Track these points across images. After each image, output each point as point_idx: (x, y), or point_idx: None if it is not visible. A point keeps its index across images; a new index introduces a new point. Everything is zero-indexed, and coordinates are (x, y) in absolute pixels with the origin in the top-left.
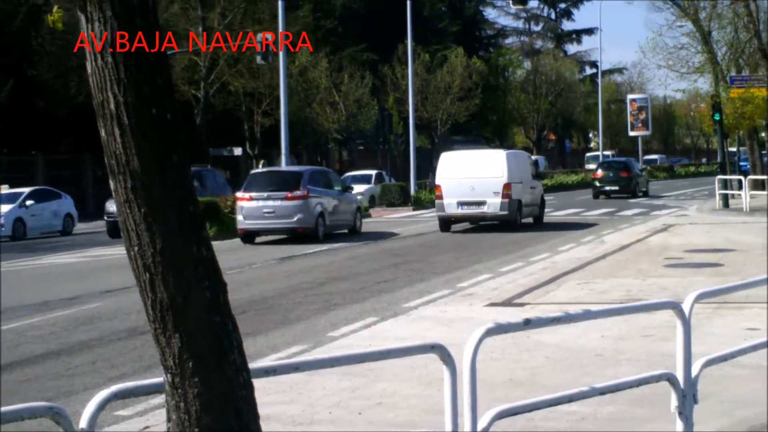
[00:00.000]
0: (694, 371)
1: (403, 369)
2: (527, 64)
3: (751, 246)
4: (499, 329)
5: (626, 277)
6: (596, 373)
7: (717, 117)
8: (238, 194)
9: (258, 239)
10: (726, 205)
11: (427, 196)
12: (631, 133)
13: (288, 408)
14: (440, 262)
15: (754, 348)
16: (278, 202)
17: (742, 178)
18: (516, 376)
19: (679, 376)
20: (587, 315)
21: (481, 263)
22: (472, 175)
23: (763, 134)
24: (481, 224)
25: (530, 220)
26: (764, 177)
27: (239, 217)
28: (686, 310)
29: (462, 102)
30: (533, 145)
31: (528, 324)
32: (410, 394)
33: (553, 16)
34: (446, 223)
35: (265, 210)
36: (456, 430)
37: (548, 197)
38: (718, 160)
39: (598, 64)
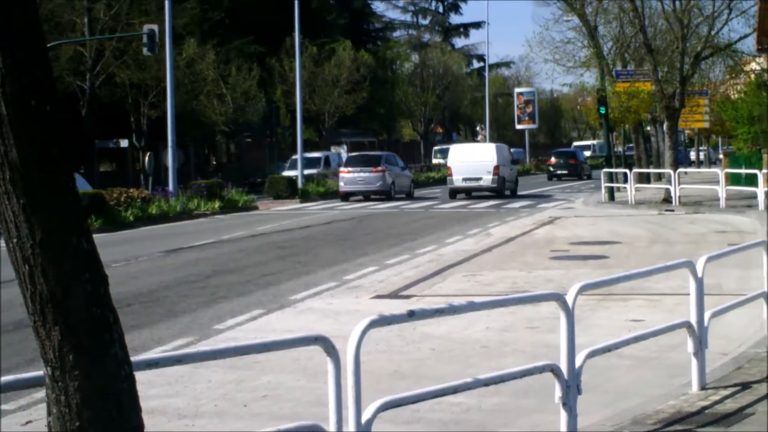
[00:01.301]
0: (578, 362)
1: (289, 361)
2: (415, 58)
3: (635, 238)
4: (383, 321)
5: (512, 270)
6: (481, 365)
7: (603, 111)
8: (341, 168)
9: (352, 198)
10: (612, 198)
11: (314, 188)
12: (518, 127)
13: (173, 401)
14: (326, 254)
15: (637, 339)
16: (366, 174)
17: (627, 171)
18: (402, 368)
19: (563, 367)
20: (471, 306)
21: (367, 256)
22: (471, 159)
23: (648, 128)
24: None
25: (508, 192)
26: (649, 170)
27: (341, 183)
28: (569, 302)
29: (350, 95)
30: (420, 138)
31: (412, 316)
32: (296, 387)
33: (441, 9)
34: (454, 192)
35: (358, 179)
36: (340, 421)
37: (435, 190)
38: (604, 153)
39: (486, 57)
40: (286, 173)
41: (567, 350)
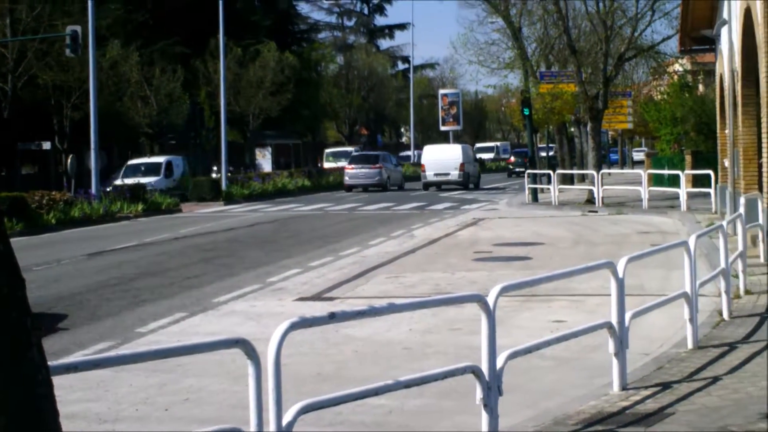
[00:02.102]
0: (499, 363)
1: (211, 364)
2: (340, 59)
3: (559, 239)
4: (304, 323)
5: (435, 271)
6: (404, 367)
7: (526, 112)
8: (346, 165)
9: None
10: (535, 199)
11: (239, 190)
12: (443, 128)
13: (94, 405)
14: (250, 257)
15: (558, 340)
16: (366, 170)
17: (550, 172)
18: (324, 371)
19: (484, 368)
20: (392, 308)
21: (291, 258)
22: (441, 158)
23: (572, 129)
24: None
25: (472, 186)
26: (573, 171)
27: (346, 178)
28: (490, 303)
29: (274, 96)
30: (345, 140)
31: (333, 318)
32: (218, 390)
33: (366, 11)
34: (426, 185)
35: (360, 174)
36: (261, 424)
37: (363, 194)
38: (528, 154)
39: (410, 59)
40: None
41: (488, 351)
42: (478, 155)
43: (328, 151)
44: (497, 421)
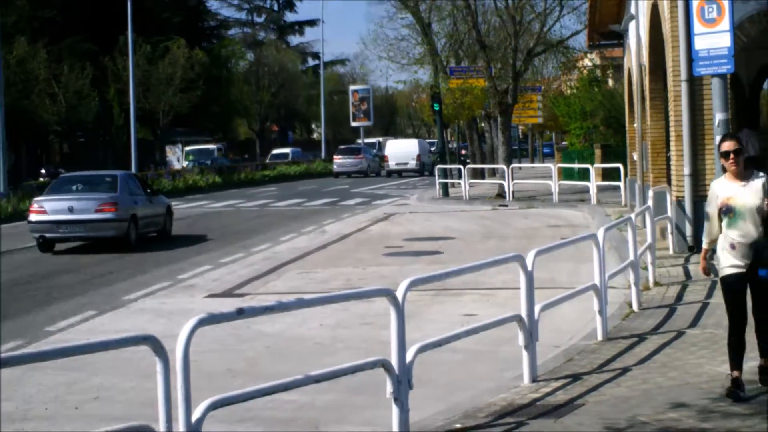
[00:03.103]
0: (409, 357)
1: (121, 362)
2: (250, 56)
3: (469, 234)
4: (212, 319)
5: (346, 267)
6: (315, 362)
7: (436, 107)
8: (335, 156)
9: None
10: (446, 194)
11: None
12: (354, 124)
13: (2, 405)
14: (161, 254)
15: (468, 333)
16: (351, 160)
17: (461, 167)
18: (236, 367)
19: (394, 362)
20: (300, 303)
21: (202, 255)
22: (401, 150)
23: (482, 124)
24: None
25: (427, 173)
26: (483, 166)
27: (335, 166)
28: (399, 297)
29: (184, 93)
30: (256, 136)
31: (241, 314)
32: (128, 387)
33: (276, 7)
34: (389, 173)
35: (346, 163)
36: (170, 421)
37: (270, 188)
38: (438, 149)
39: (321, 55)
40: None
41: (397, 345)
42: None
43: (187, 149)
44: (408, 414)
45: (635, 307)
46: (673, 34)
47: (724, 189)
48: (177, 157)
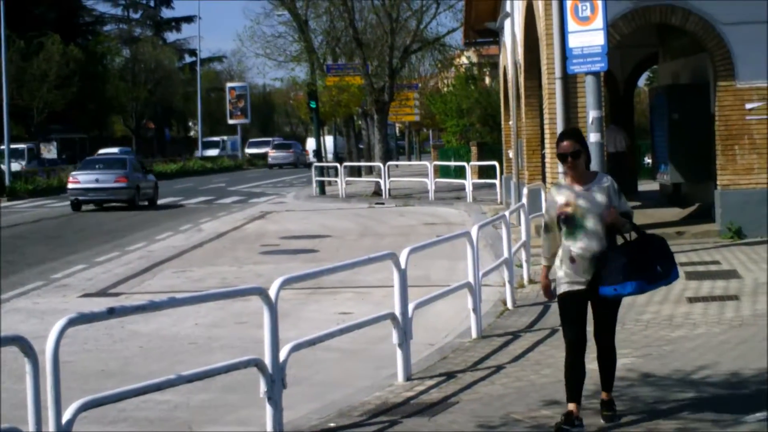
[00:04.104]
0: (282, 356)
1: None
2: (126, 52)
3: (346, 232)
4: (83, 319)
5: (222, 265)
6: (190, 361)
7: (313, 105)
8: (269, 149)
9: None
10: (323, 191)
11: (23, 186)
12: (231, 122)
13: None
14: (34, 253)
15: (342, 331)
16: (284, 153)
17: (338, 165)
18: (109, 367)
19: (267, 361)
20: (172, 302)
21: (77, 254)
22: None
23: (359, 122)
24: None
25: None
26: (360, 164)
27: (269, 159)
28: (272, 296)
29: (59, 90)
30: (132, 134)
31: (112, 313)
32: None
33: (152, 3)
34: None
35: (279, 156)
36: (39, 422)
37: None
38: (314, 147)
39: (198, 52)
40: None
41: (270, 344)
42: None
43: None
44: (281, 413)
45: (510, 304)
46: (548, 32)
47: (564, 195)
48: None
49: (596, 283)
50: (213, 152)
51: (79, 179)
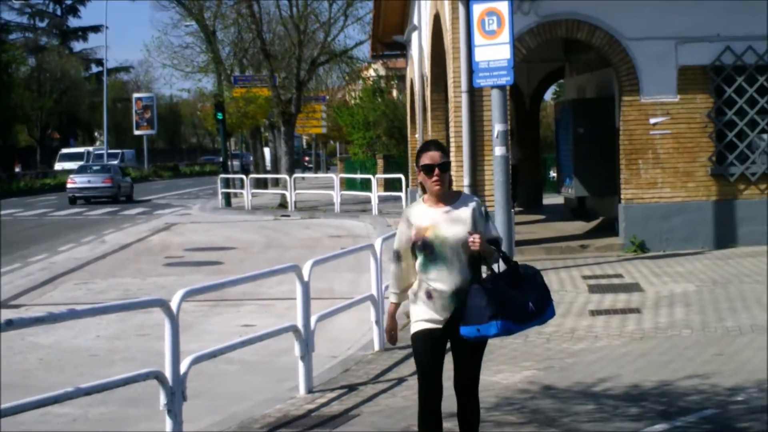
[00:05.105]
0: (183, 368)
1: None
2: (32, 61)
3: (251, 244)
4: None
5: (125, 277)
6: (90, 374)
7: (220, 116)
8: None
9: None
10: (228, 203)
11: None
12: (137, 132)
13: None
14: None
15: (244, 344)
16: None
17: (244, 176)
18: (8, 380)
19: (168, 373)
20: (72, 314)
21: None
22: None
23: (266, 134)
24: None
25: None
26: (266, 176)
27: None
28: (174, 308)
29: None
30: (37, 144)
31: (11, 324)
32: None
33: (59, 12)
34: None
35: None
36: None
37: (51, 197)
38: (221, 159)
39: (104, 62)
40: None
41: (171, 356)
42: (59, 164)
43: (63, 151)
44: (181, 426)
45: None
46: (454, 45)
47: (422, 216)
48: None
49: (457, 323)
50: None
51: (76, 180)
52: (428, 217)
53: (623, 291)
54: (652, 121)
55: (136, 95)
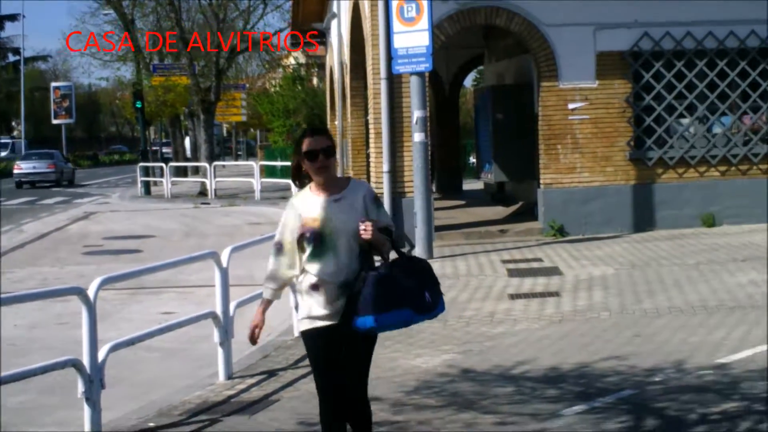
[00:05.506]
0: (101, 356)
1: None
2: None
3: (170, 232)
4: None
5: (44, 266)
6: (8, 363)
7: (139, 105)
8: None
9: None
10: (148, 192)
11: None
12: (55, 121)
13: None
14: None
15: (162, 331)
16: None
17: (164, 165)
18: None
19: (86, 361)
20: None
21: None
22: None
23: (186, 122)
24: None
25: None
26: (186, 164)
27: None
28: (91, 296)
29: None
30: None
31: None
32: None
33: None
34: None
35: None
36: None
37: None
38: (141, 147)
39: (21, 51)
40: None
41: (89, 344)
42: None
43: None
44: (100, 414)
45: None
46: (374, 32)
47: (310, 206)
48: None
49: (349, 316)
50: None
51: (22, 166)
52: (316, 205)
53: (542, 275)
54: (571, 106)
55: (54, 84)
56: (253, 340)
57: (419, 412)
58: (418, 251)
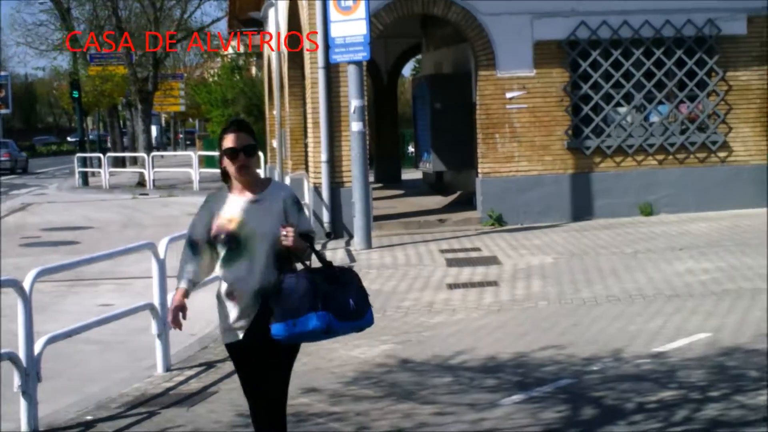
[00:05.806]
0: (37, 349)
1: None
2: None
3: (108, 223)
4: None
5: None
6: None
7: (76, 95)
8: None
9: None
10: (86, 183)
11: None
12: None
13: None
14: None
15: (99, 323)
16: None
17: (101, 155)
18: None
19: (22, 354)
20: None
21: None
22: None
23: (124, 112)
24: None
25: None
26: (124, 154)
27: None
28: (26, 288)
29: None
30: None
31: None
32: None
33: None
34: None
35: None
36: None
37: None
38: (78, 138)
39: None
40: None
41: (25, 337)
42: None
43: None
44: (36, 408)
45: None
46: (311, 21)
47: (227, 206)
48: None
49: (263, 326)
50: None
51: None
52: (233, 206)
53: (481, 264)
54: (509, 95)
55: None
56: (177, 323)
57: (357, 402)
58: (357, 241)
